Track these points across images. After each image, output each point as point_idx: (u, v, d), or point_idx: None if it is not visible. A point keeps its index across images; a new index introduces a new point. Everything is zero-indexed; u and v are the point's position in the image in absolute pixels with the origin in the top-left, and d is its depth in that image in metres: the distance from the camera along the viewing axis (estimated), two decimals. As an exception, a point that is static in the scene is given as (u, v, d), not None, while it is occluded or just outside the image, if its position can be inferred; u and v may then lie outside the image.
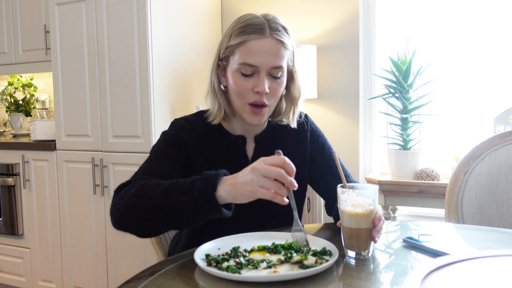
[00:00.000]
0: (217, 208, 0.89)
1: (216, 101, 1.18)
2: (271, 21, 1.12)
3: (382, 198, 2.19)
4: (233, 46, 1.11)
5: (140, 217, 0.96)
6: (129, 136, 2.29)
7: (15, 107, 3.18)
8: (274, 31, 1.10)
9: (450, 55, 2.33)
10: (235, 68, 1.11)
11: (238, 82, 1.11)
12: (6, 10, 2.96)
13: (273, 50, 1.10)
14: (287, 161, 0.87)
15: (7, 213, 2.68)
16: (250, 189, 0.86)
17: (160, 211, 0.93)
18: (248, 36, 1.09)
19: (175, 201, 0.91)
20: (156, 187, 0.95)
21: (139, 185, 0.98)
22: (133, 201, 0.96)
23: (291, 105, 1.22)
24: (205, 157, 1.18)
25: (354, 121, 2.49)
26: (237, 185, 0.87)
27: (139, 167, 1.12)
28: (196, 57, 2.53)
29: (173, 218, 0.94)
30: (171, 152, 1.14)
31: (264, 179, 0.85)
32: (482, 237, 1.12)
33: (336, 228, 1.13)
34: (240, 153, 1.21)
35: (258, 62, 1.09)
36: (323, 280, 0.83)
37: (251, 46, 1.09)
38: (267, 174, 0.85)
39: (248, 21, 1.12)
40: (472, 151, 1.51)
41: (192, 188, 0.90)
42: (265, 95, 1.12)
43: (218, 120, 1.19)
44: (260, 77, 1.10)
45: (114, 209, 0.99)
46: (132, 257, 2.34)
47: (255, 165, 0.87)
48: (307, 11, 2.56)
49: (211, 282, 0.84)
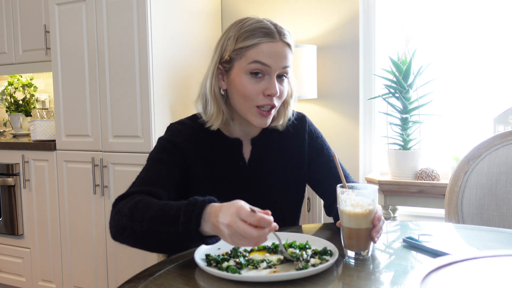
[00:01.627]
0: (202, 241, 0.90)
1: (216, 106, 1.16)
2: (277, 25, 1.14)
3: (382, 198, 2.19)
4: (243, 48, 1.11)
5: (132, 239, 0.97)
6: (129, 136, 2.28)
7: (15, 107, 3.18)
8: (283, 35, 1.13)
9: (450, 55, 2.33)
10: (244, 70, 1.11)
11: (246, 84, 1.11)
12: (6, 10, 2.96)
13: (284, 54, 1.12)
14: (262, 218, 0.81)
15: (7, 213, 2.68)
16: (231, 242, 0.84)
17: (149, 238, 0.94)
18: (260, 39, 1.10)
19: (161, 231, 0.91)
20: (146, 209, 0.95)
21: (132, 203, 0.99)
22: (125, 222, 0.96)
23: (284, 109, 1.23)
24: (202, 160, 1.18)
25: (354, 121, 2.49)
26: (218, 231, 0.85)
27: (136, 177, 1.12)
28: (196, 57, 2.53)
29: (160, 245, 0.95)
30: (167, 158, 1.14)
31: (240, 237, 0.82)
32: (482, 237, 1.12)
33: (336, 228, 1.13)
34: (237, 156, 1.21)
35: (271, 63, 1.10)
36: (323, 280, 0.83)
37: (264, 48, 1.10)
38: (241, 233, 0.81)
39: (256, 24, 1.12)
40: (472, 151, 1.51)
41: (177, 219, 0.89)
42: (275, 98, 1.13)
43: (216, 126, 1.18)
44: (272, 80, 1.11)
45: (112, 223, 1.01)
46: (132, 257, 2.34)
47: (230, 222, 0.82)
48: (307, 11, 2.56)
49: (211, 282, 0.84)
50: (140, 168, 1.14)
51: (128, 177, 2.31)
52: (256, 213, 0.82)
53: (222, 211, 0.84)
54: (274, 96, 1.12)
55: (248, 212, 0.82)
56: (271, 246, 0.96)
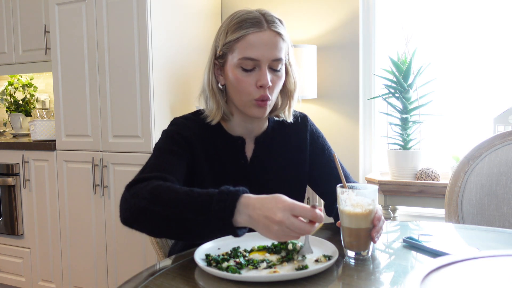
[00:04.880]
0: (233, 232, 0.86)
1: (215, 101, 1.17)
2: (267, 14, 1.13)
3: (382, 198, 2.19)
4: (231, 42, 1.10)
5: (150, 223, 0.92)
6: (129, 136, 2.28)
7: (15, 107, 3.18)
8: (271, 24, 1.11)
9: (450, 55, 2.33)
10: (235, 64, 1.11)
11: (239, 78, 1.11)
12: (6, 10, 2.96)
13: (272, 43, 1.10)
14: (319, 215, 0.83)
15: (7, 213, 2.69)
16: (274, 237, 0.83)
17: (171, 223, 0.89)
18: (246, 30, 1.09)
19: (189, 218, 0.86)
20: (170, 193, 0.90)
21: (153, 186, 0.93)
22: (145, 205, 0.91)
23: (287, 99, 1.22)
24: (206, 156, 1.17)
25: (354, 121, 2.49)
26: (258, 226, 0.83)
27: (144, 165, 1.08)
28: (196, 57, 2.53)
29: (184, 232, 0.90)
30: (176, 149, 1.11)
31: (289, 231, 0.81)
32: (482, 237, 1.12)
33: (336, 228, 1.13)
34: (239, 154, 1.21)
35: (259, 55, 1.09)
36: (323, 280, 0.83)
37: (250, 40, 1.09)
38: (295, 230, 0.81)
39: (243, 15, 1.11)
40: (472, 151, 1.51)
41: (208, 207, 0.85)
42: (268, 89, 1.11)
43: (216, 120, 1.18)
44: (262, 71, 1.10)
45: (125, 206, 0.95)
46: (132, 257, 2.34)
47: (282, 218, 0.81)
48: (307, 11, 2.56)
49: (211, 282, 0.84)
50: (140, 167, 1.11)
51: (128, 177, 2.30)
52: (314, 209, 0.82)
53: (265, 205, 0.82)
54: (266, 87, 1.10)
55: (303, 207, 0.82)
56: (270, 246, 0.96)
